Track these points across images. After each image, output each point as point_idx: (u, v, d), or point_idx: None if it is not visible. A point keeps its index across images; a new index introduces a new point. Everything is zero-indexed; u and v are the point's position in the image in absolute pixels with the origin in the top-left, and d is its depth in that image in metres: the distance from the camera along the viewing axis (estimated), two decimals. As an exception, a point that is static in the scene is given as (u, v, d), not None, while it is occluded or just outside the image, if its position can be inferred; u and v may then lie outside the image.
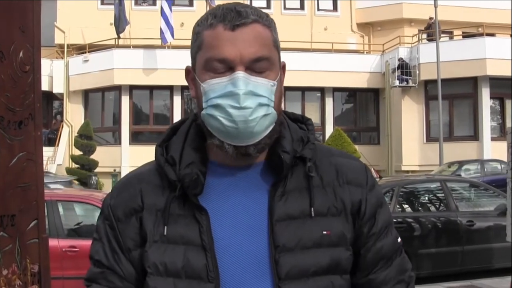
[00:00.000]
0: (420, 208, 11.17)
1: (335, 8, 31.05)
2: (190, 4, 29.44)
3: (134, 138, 26.30)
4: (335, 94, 28.02)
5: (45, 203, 2.98)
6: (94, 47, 26.94)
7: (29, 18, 2.77)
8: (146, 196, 1.54)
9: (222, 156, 1.52)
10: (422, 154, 25.15)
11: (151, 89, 26.37)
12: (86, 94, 27.39)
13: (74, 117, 26.98)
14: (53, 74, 26.98)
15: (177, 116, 25.98)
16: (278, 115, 1.49)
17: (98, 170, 24.23)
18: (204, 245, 1.45)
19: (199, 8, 27.85)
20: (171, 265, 1.46)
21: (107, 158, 24.87)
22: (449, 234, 10.25)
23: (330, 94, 27.69)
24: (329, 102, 27.75)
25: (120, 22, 26.23)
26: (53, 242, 7.10)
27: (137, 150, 25.05)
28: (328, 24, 30.40)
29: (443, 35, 27.30)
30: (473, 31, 27.98)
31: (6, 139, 2.63)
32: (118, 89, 26.11)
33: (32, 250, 2.75)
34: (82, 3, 27.45)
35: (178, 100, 26.29)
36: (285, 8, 30.26)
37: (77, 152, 24.66)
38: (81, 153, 24.30)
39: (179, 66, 23.60)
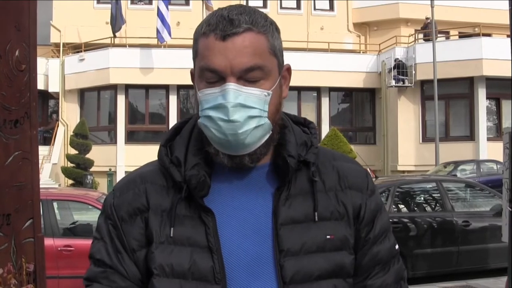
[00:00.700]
0: (416, 208, 11.18)
1: (332, 7, 31.06)
2: (187, 3, 29.42)
3: (130, 137, 26.24)
4: (331, 94, 28.01)
5: (40, 202, 2.97)
6: (90, 46, 26.86)
7: (25, 17, 2.77)
8: (151, 196, 1.53)
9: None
10: (418, 154, 25.16)
11: (147, 88, 26.31)
12: (82, 93, 27.31)
13: (69, 116, 26.90)
14: (48, 73, 26.89)
15: (173, 115, 25.98)
16: (273, 125, 1.49)
17: (93, 169, 24.21)
18: (210, 246, 1.45)
19: (196, 7, 27.84)
20: (178, 266, 1.45)
21: (103, 157, 24.86)
22: (444, 234, 10.27)
23: (326, 93, 27.68)
24: (325, 102, 27.74)
25: (116, 21, 26.17)
26: (48, 241, 7.09)
27: (132, 150, 25.04)
28: (324, 23, 30.43)
29: (440, 35, 27.30)
30: (469, 31, 28.02)
31: (2, 138, 2.62)
32: (114, 88, 26.04)
33: (27, 249, 2.74)
34: (78, 2, 27.38)
35: (174, 99, 26.24)
36: (281, 7, 30.26)
37: (72, 151, 24.62)
38: (76, 152, 24.28)
39: (175, 65, 23.62)
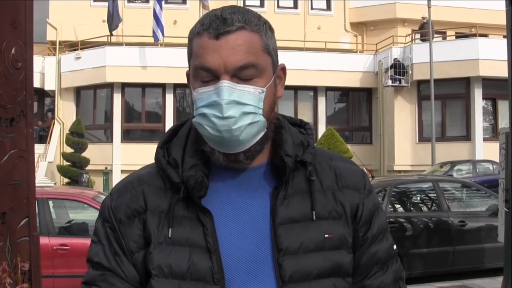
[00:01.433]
0: (412, 208, 11.19)
1: (329, 7, 31.09)
2: (183, 2, 29.42)
3: (126, 136, 26.23)
4: (328, 93, 28.04)
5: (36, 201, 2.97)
6: (86, 44, 26.83)
7: (21, 15, 2.75)
8: (149, 197, 1.53)
9: None
10: (415, 154, 25.21)
11: (143, 86, 26.31)
12: (78, 91, 27.28)
13: (65, 114, 26.86)
14: (44, 71, 26.85)
15: (169, 114, 25.99)
16: (268, 122, 1.49)
17: (89, 167, 24.19)
18: (209, 247, 1.45)
19: (192, 6, 27.84)
20: (177, 267, 1.46)
21: (99, 155, 24.84)
22: (440, 234, 10.28)
23: (323, 93, 27.71)
24: (321, 101, 27.77)
25: (113, 19, 26.17)
26: (44, 240, 7.08)
27: (128, 148, 25.04)
28: (321, 23, 30.45)
29: (436, 36, 27.37)
30: (466, 32, 28.09)
31: (-3, 136, 2.61)
32: (110, 86, 26.02)
33: (22, 248, 2.73)
34: (75, 0, 27.35)
35: (170, 98, 26.24)
36: (278, 7, 30.28)
37: (68, 149, 24.59)
38: (72, 150, 24.24)
39: (172, 64, 23.58)
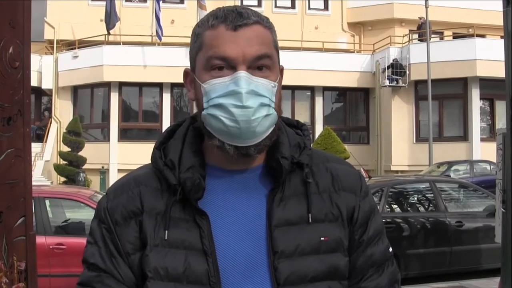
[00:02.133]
0: (409, 208, 11.19)
1: (326, 7, 31.09)
2: (181, 2, 29.41)
3: (123, 135, 26.22)
4: (325, 93, 28.04)
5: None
6: (84, 43, 26.81)
7: (19, 14, 2.75)
8: (145, 198, 1.52)
9: (220, 159, 1.51)
10: (412, 154, 25.21)
11: (141, 86, 26.30)
12: (75, 90, 27.26)
13: (62, 113, 26.86)
14: (42, 69, 26.80)
15: (166, 113, 25.98)
16: (278, 117, 1.49)
17: (86, 166, 24.18)
18: (205, 249, 1.44)
19: (190, 6, 27.84)
20: (173, 269, 1.44)
21: (96, 154, 24.82)
22: (437, 234, 10.28)
23: (320, 93, 27.71)
24: (319, 101, 27.76)
25: (110, 19, 26.18)
26: (40, 239, 7.07)
27: (125, 147, 25.04)
28: (319, 23, 30.45)
29: (434, 36, 27.37)
30: (463, 32, 28.13)
31: (-5, 136, 2.60)
32: (107, 85, 26.01)
33: (19, 247, 2.73)
34: (72, -1, 27.37)
35: (167, 97, 26.22)
36: (276, 6, 30.26)
37: (65, 148, 24.59)
38: (69, 149, 24.24)
39: (169, 63, 23.64)
